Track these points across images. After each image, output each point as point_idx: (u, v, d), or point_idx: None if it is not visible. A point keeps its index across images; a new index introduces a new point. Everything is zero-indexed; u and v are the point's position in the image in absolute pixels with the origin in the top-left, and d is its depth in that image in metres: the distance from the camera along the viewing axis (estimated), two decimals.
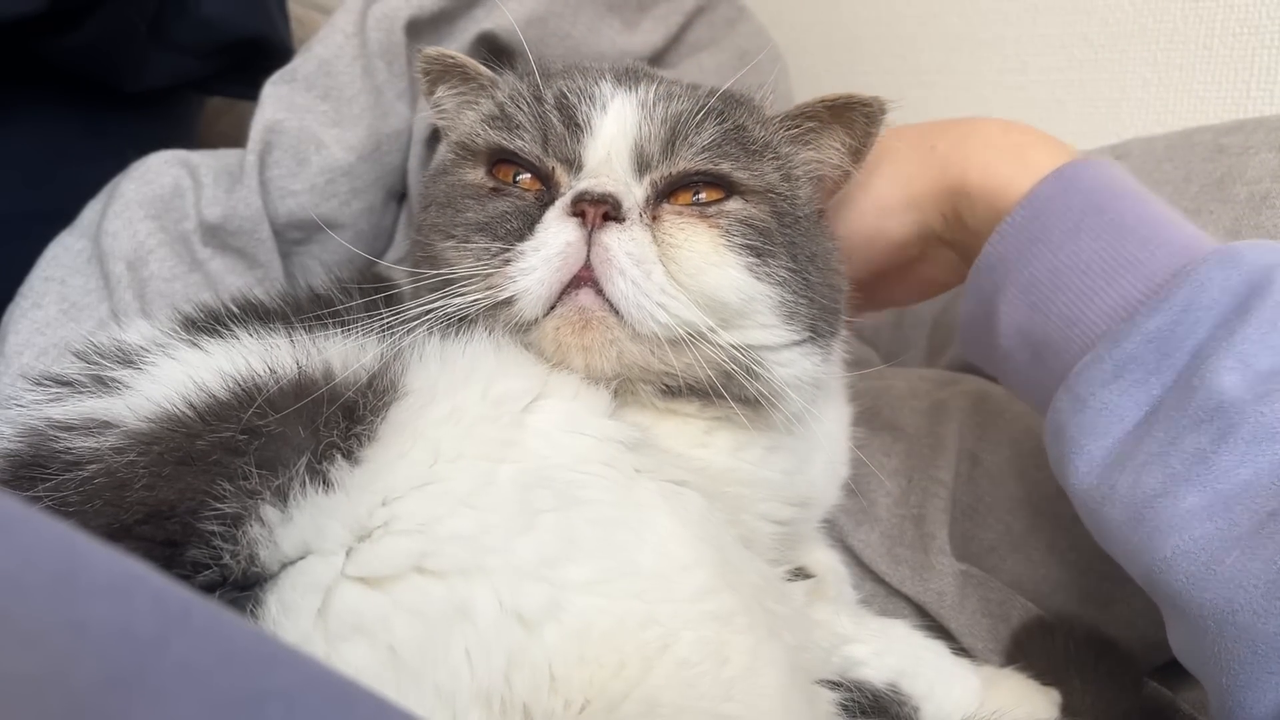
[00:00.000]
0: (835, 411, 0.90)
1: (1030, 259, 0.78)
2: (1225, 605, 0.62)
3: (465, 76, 0.86)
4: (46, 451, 0.60)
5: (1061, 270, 0.76)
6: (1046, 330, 0.77)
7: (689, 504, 0.67)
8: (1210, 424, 0.66)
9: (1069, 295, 0.76)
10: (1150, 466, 0.68)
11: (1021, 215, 0.79)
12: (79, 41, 1.04)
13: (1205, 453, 0.66)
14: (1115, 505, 0.70)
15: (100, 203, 1.01)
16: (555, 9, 1.19)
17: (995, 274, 0.81)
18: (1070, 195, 0.77)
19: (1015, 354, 0.81)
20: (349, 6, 1.12)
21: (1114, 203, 0.77)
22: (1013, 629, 0.90)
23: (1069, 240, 0.76)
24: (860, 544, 0.97)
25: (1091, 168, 0.79)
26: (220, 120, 1.52)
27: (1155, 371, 0.70)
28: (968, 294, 0.85)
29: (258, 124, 1.05)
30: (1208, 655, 0.64)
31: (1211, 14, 1.30)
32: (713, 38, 1.38)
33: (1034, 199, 0.78)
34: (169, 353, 0.68)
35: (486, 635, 0.55)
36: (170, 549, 0.55)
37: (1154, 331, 0.71)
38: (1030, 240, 0.78)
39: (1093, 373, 0.73)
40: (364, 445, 0.61)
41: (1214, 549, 0.63)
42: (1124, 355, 0.71)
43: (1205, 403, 0.66)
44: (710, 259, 0.72)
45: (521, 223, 0.73)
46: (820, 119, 0.82)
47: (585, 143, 0.76)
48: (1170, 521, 0.66)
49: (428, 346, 0.69)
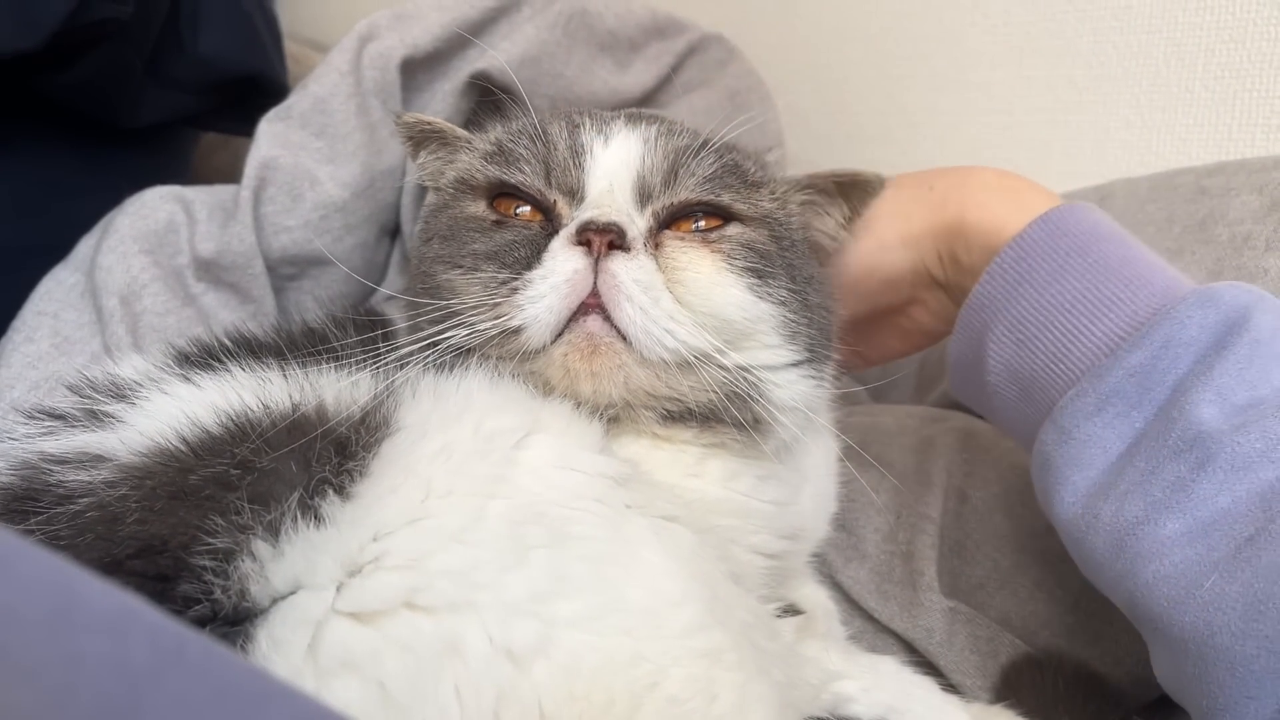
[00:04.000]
0: (824, 446, 0.91)
1: (1018, 298, 0.80)
2: (1204, 628, 0.63)
3: (444, 140, 0.88)
4: (39, 485, 0.60)
5: (1047, 309, 0.78)
6: (1033, 367, 0.79)
7: (679, 540, 0.67)
8: (1189, 454, 0.68)
9: (1055, 333, 0.78)
10: (1132, 495, 0.70)
11: (1010, 257, 0.81)
12: (76, 78, 1.06)
13: (1185, 481, 0.67)
14: (1099, 534, 0.71)
15: (95, 237, 1.02)
16: (548, 49, 1.20)
17: (984, 313, 0.83)
18: (1056, 238, 0.80)
19: (1003, 391, 0.83)
20: (344, 45, 1.14)
21: (1098, 245, 0.79)
22: (1001, 666, 0.90)
23: (1055, 281, 0.79)
24: (849, 580, 0.98)
25: (1077, 212, 0.81)
26: (215, 156, 1.54)
27: (1137, 405, 0.72)
28: (957, 333, 0.86)
29: (253, 160, 1.06)
30: (1188, 679, 0.65)
31: (1193, 58, 1.32)
32: (704, 78, 1.40)
33: (1022, 241, 0.81)
34: (162, 387, 0.68)
35: (476, 671, 0.55)
36: (162, 584, 0.55)
37: (1135, 366, 0.73)
38: (1018, 281, 0.80)
39: (1077, 406, 0.75)
40: (356, 481, 0.61)
41: (1193, 573, 0.65)
42: (1107, 389, 0.73)
43: (1184, 434, 0.68)
44: (714, 280, 0.74)
45: (529, 251, 0.74)
46: (827, 192, 0.86)
47: (588, 174, 0.77)
48: (1151, 548, 0.67)
49: (421, 382, 0.69)
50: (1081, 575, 0.90)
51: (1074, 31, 1.42)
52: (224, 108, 1.29)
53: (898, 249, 0.90)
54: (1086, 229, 0.80)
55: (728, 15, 1.64)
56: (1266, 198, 1.03)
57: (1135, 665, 0.88)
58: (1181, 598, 0.65)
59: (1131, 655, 0.88)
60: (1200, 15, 1.31)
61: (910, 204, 0.90)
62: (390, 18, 1.16)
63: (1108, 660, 0.88)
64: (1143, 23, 1.35)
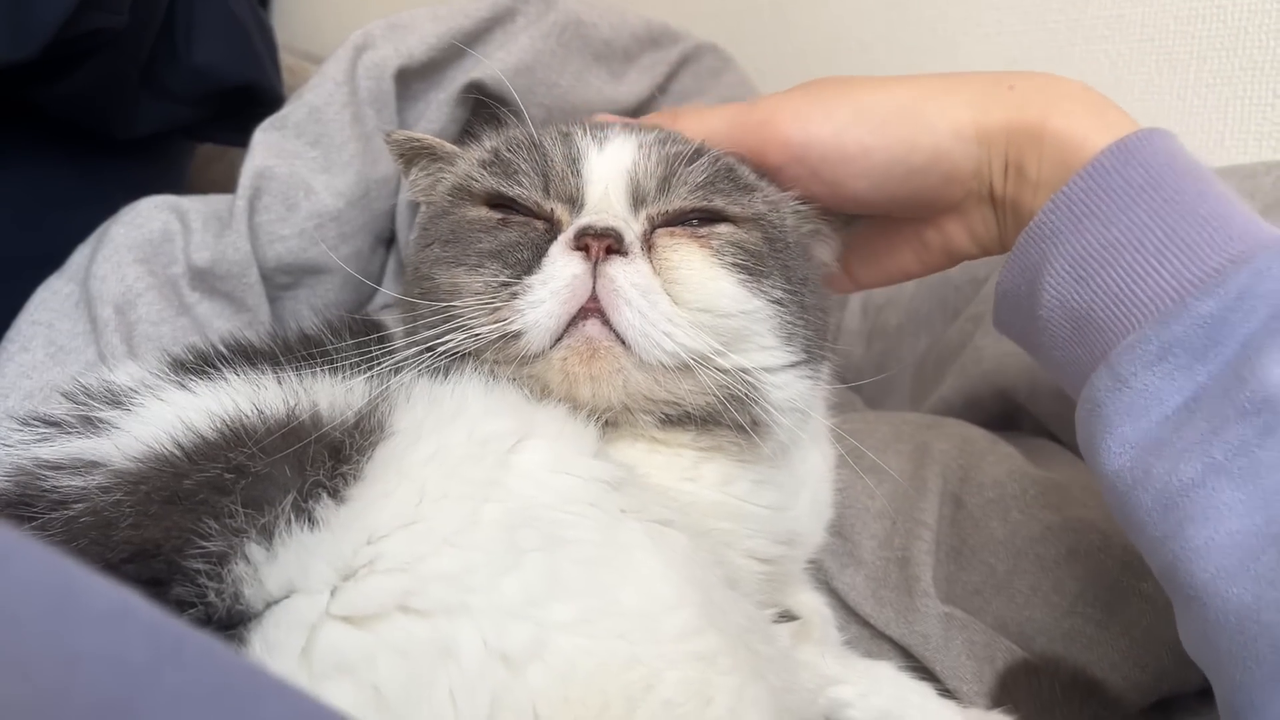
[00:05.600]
0: (820, 452, 0.91)
1: (1082, 231, 0.75)
2: (1253, 602, 0.60)
3: (434, 156, 0.89)
4: (34, 491, 0.60)
5: (1114, 245, 0.73)
6: (1091, 305, 0.74)
7: (674, 544, 0.67)
8: (1257, 417, 0.64)
9: (1119, 271, 0.73)
10: (1189, 454, 0.66)
11: (1078, 186, 0.75)
12: (71, 88, 1.06)
13: (1249, 445, 0.63)
14: (1147, 490, 0.68)
15: (89, 247, 1.02)
16: (543, 59, 1.21)
17: (1045, 243, 0.77)
18: (1130, 169, 0.74)
19: (1055, 327, 0.77)
20: (339, 55, 1.14)
21: (1174, 180, 0.73)
22: (998, 671, 0.90)
23: (1124, 215, 0.73)
24: (845, 586, 0.97)
25: (1155, 140, 0.75)
26: (211, 166, 1.54)
27: (1202, 358, 0.68)
28: (1011, 261, 0.81)
29: (247, 170, 1.06)
30: (1224, 651, 0.62)
31: (1185, 66, 1.33)
32: (698, 88, 1.40)
33: (1093, 170, 0.75)
34: (157, 393, 0.68)
35: (471, 675, 0.55)
36: (155, 588, 0.55)
37: (1205, 316, 0.67)
38: (1084, 213, 0.75)
39: (1137, 353, 0.70)
40: (350, 484, 0.61)
41: (1249, 545, 0.61)
42: (1171, 338, 0.68)
43: (1253, 395, 0.64)
44: (706, 274, 0.74)
45: (530, 254, 0.74)
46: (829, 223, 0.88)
47: (585, 181, 0.78)
48: (1205, 512, 0.64)
49: (416, 387, 0.69)
50: (1078, 581, 0.90)
51: (1066, 40, 1.43)
52: (219, 118, 1.30)
53: (972, 143, 0.82)
54: (1165, 160, 0.74)
55: (722, 25, 1.65)
56: (1258, 203, 1.03)
57: (1132, 670, 0.87)
58: (1233, 568, 0.61)
59: (1129, 660, 0.88)
60: (1191, 24, 1.32)
61: (987, 98, 0.82)
62: (385, 28, 1.17)
63: (1104, 665, 0.88)
64: (1135, 31, 1.36)
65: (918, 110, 0.82)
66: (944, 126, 0.82)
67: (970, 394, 1.24)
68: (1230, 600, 0.61)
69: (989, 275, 1.26)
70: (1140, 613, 0.87)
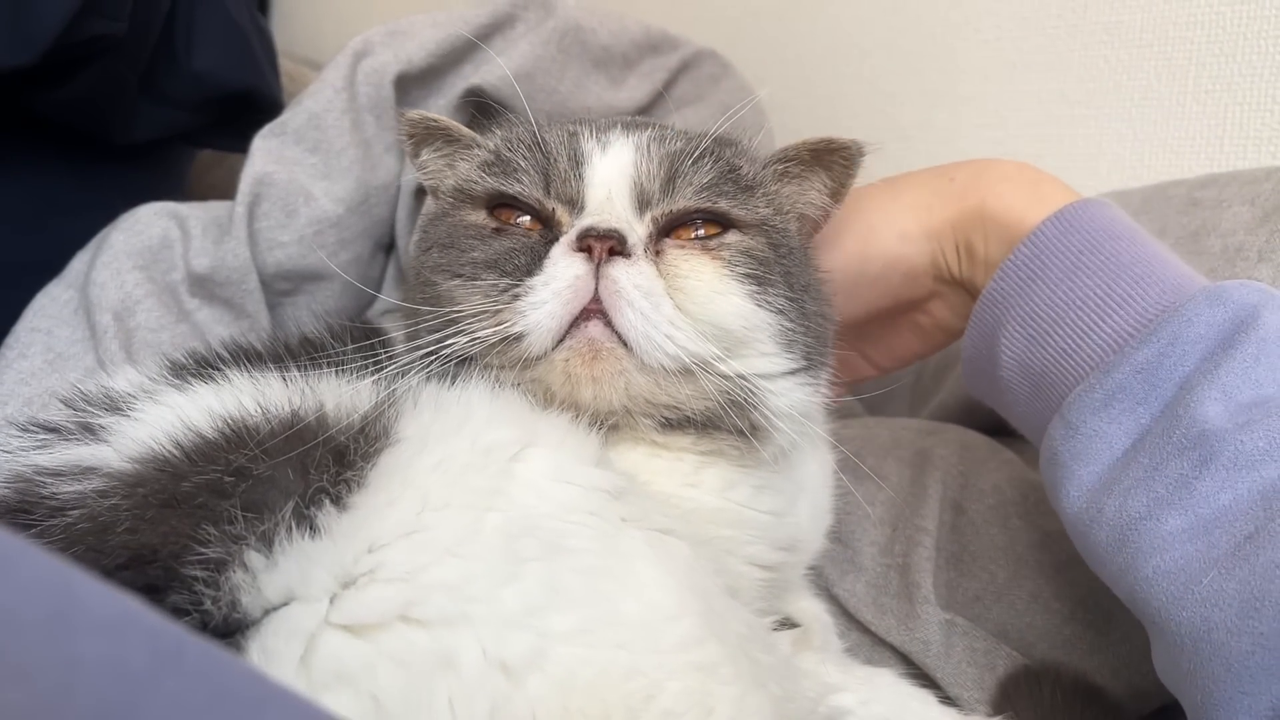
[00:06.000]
0: (821, 458, 0.91)
1: (1030, 295, 0.81)
2: (1201, 624, 0.63)
3: (449, 138, 0.88)
4: (32, 497, 0.60)
5: (1059, 305, 0.79)
6: (1044, 363, 0.80)
7: (675, 553, 0.67)
8: (1193, 451, 0.68)
9: (1066, 329, 0.79)
10: (1135, 491, 0.70)
11: (1024, 253, 0.82)
12: (70, 94, 1.06)
13: (1188, 478, 0.68)
14: (1102, 528, 0.72)
15: (89, 253, 1.02)
16: (542, 65, 1.21)
17: (997, 309, 0.84)
18: (1070, 235, 0.80)
19: (1015, 387, 0.83)
20: (339, 61, 1.14)
21: (1110, 243, 0.79)
22: (999, 678, 0.90)
23: (1067, 278, 0.79)
24: (845, 593, 0.97)
25: (1091, 208, 0.82)
26: (210, 172, 1.54)
27: (1143, 401, 0.73)
28: (971, 328, 0.87)
29: (247, 176, 1.06)
30: (1184, 674, 0.65)
31: (1184, 71, 1.33)
32: (697, 94, 1.40)
33: (1036, 238, 0.82)
34: (156, 398, 0.68)
35: (470, 685, 0.55)
36: (150, 594, 0.54)
37: (1142, 363, 0.73)
38: (1031, 277, 0.81)
39: (1084, 401, 0.75)
40: (353, 491, 0.60)
41: (1193, 570, 0.65)
42: (1114, 384, 0.74)
43: (1189, 431, 0.69)
44: (715, 288, 0.74)
45: (529, 259, 0.74)
46: (803, 161, 0.85)
47: (587, 183, 0.78)
48: (1153, 543, 0.68)
49: (423, 393, 0.69)
50: (1078, 587, 0.90)
51: (1065, 46, 1.43)
52: (219, 124, 1.29)
53: (920, 240, 0.91)
54: (1100, 226, 0.80)
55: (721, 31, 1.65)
56: (1258, 209, 1.03)
57: (1133, 677, 0.87)
58: (1180, 594, 0.65)
59: (1129, 667, 0.88)
60: (1191, 29, 1.32)
61: (932, 196, 0.91)
62: (385, 34, 1.17)
63: (1105, 672, 0.88)
64: (1134, 36, 1.36)
65: (865, 225, 0.92)
66: (890, 233, 0.92)
67: (969, 400, 1.24)
68: (1182, 624, 0.65)
69: None
70: None
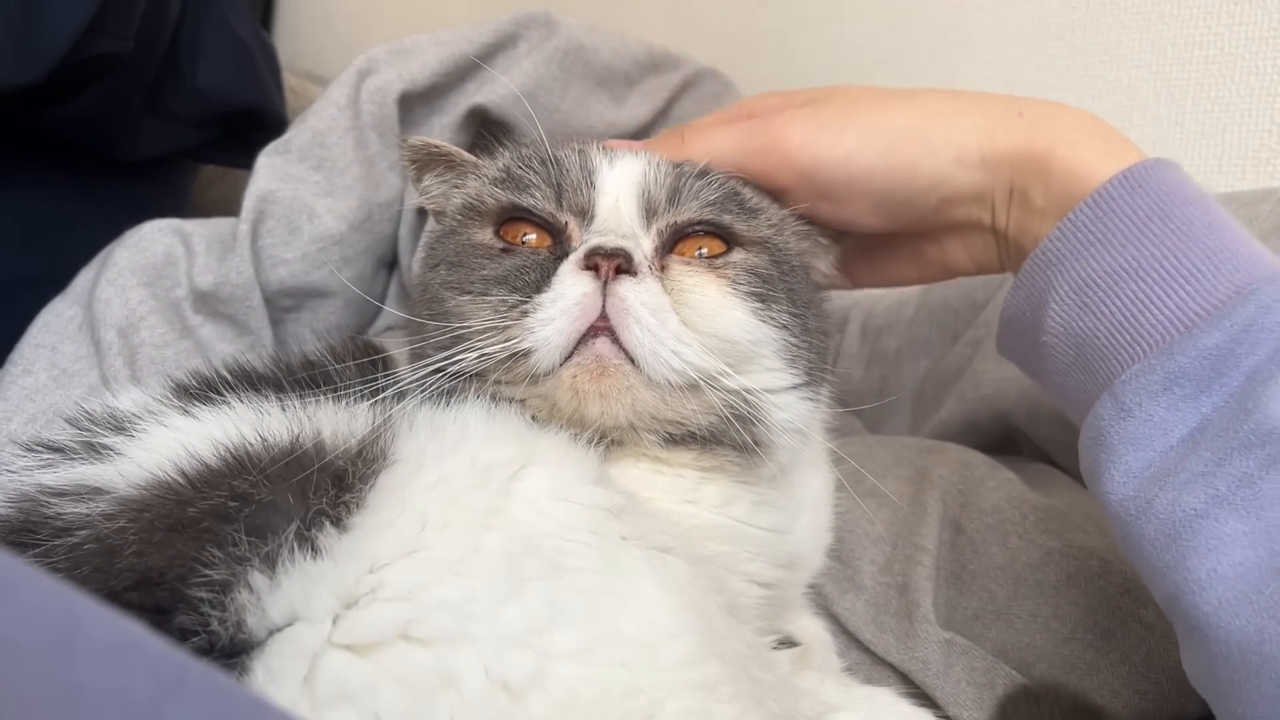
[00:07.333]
0: (821, 476, 0.91)
1: (1088, 258, 0.75)
2: (1256, 635, 0.59)
3: (451, 164, 0.89)
4: (37, 517, 0.60)
5: (1119, 273, 0.73)
6: (1095, 333, 0.74)
7: (675, 571, 0.67)
8: (1261, 449, 0.64)
9: (1124, 300, 0.73)
10: (1193, 486, 0.65)
11: (1085, 213, 0.76)
12: (76, 111, 1.07)
13: (1253, 478, 0.63)
14: (1150, 520, 0.67)
15: (93, 270, 1.03)
16: (545, 84, 1.21)
17: (1050, 270, 0.78)
18: (1137, 197, 0.74)
19: (1058, 354, 0.78)
20: (343, 80, 1.15)
21: (1181, 209, 0.73)
22: (998, 697, 0.90)
23: (1130, 243, 0.73)
24: (845, 612, 0.97)
25: (1161, 168, 0.76)
26: (213, 187, 1.55)
27: (1207, 389, 0.68)
28: (1016, 286, 0.81)
29: (251, 194, 1.07)
30: (1225, 684, 0.62)
31: (1183, 93, 1.34)
32: (699, 112, 1.41)
33: (1100, 197, 0.75)
34: (161, 420, 0.68)
35: (472, 704, 0.55)
36: (158, 616, 0.55)
37: (1211, 348, 0.68)
38: (1090, 239, 0.75)
39: (1141, 382, 0.70)
40: (353, 513, 0.61)
41: (1252, 577, 0.61)
42: (1176, 368, 0.69)
43: (1258, 427, 0.64)
44: (720, 303, 0.75)
45: (538, 275, 0.75)
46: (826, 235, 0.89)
47: (598, 190, 0.79)
48: (1209, 544, 0.63)
49: (419, 415, 0.70)
50: (1077, 607, 0.90)
51: (1065, 66, 1.43)
52: (223, 140, 1.30)
53: (976, 169, 0.82)
54: (1171, 189, 0.74)
55: (723, 50, 1.66)
56: (1257, 230, 1.03)
57: (1132, 697, 0.87)
58: (1235, 601, 0.61)
59: (1128, 687, 0.87)
60: (1189, 50, 1.33)
61: (995, 123, 0.82)
62: (388, 52, 1.18)
63: (1105, 692, 0.88)
64: (1132, 58, 1.37)
65: (922, 133, 0.83)
66: (948, 151, 0.82)
67: (969, 418, 1.25)
68: (1233, 633, 0.61)
69: (988, 300, 1.27)
70: (1140, 639, 0.87)
